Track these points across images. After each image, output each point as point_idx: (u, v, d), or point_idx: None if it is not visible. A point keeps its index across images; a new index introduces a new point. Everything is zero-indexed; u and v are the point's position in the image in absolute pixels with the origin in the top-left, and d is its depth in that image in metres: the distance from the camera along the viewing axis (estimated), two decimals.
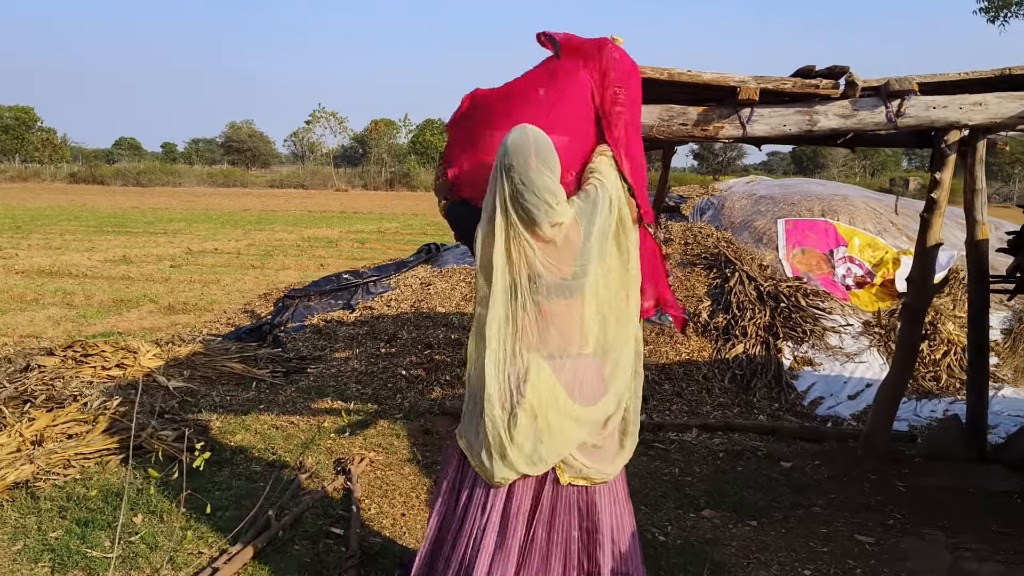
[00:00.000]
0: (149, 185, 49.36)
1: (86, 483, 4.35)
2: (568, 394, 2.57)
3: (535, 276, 2.48)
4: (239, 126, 75.26)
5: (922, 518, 4.34)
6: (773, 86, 3.19)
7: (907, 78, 3.16)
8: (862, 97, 3.23)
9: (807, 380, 6.50)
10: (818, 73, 3.25)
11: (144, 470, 4.53)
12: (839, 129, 3.26)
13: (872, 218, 8.39)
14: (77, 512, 4.04)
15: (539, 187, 2.41)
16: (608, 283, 2.61)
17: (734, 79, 3.20)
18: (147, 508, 4.12)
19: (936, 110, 3.21)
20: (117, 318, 9.33)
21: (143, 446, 4.78)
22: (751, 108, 3.24)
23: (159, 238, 18.49)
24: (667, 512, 4.36)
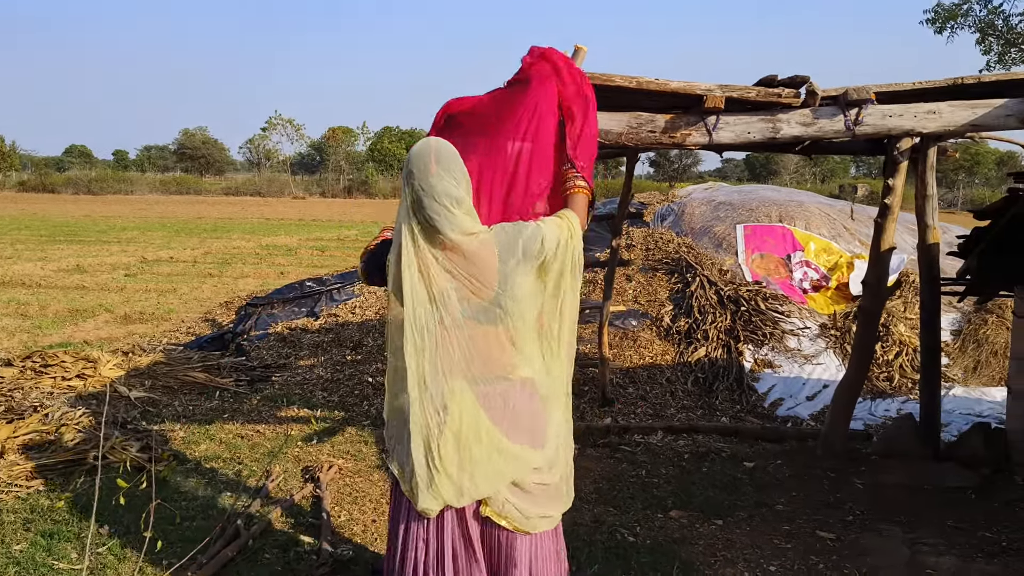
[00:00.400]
0: (101, 193, 48.40)
1: (50, 495, 4.27)
2: (494, 423, 2.44)
3: (446, 292, 2.36)
4: (193, 133, 74.10)
5: (880, 514, 4.47)
6: (738, 95, 3.29)
7: (864, 88, 3.29)
8: (822, 106, 3.34)
9: (767, 382, 6.65)
10: (780, 82, 3.36)
11: (111, 481, 4.46)
12: (801, 136, 3.37)
13: (826, 223, 8.61)
14: (42, 524, 3.97)
15: (438, 192, 2.33)
16: (535, 318, 2.47)
17: (700, 87, 3.29)
18: (114, 519, 4.06)
19: (892, 118, 3.34)
20: (73, 328, 9.15)
21: (108, 457, 4.71)
22: (717, 116, 3.33)
23: (112, 247, 18.16)
24: (635, 513, 4.42)
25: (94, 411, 5.36)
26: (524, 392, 2.48)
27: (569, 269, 2.48)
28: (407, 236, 2.38)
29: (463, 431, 2.40)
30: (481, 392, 2.43)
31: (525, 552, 2.56)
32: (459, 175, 2.40)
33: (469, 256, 2.37)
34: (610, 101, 3.55)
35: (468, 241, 2.37)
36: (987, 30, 19.71)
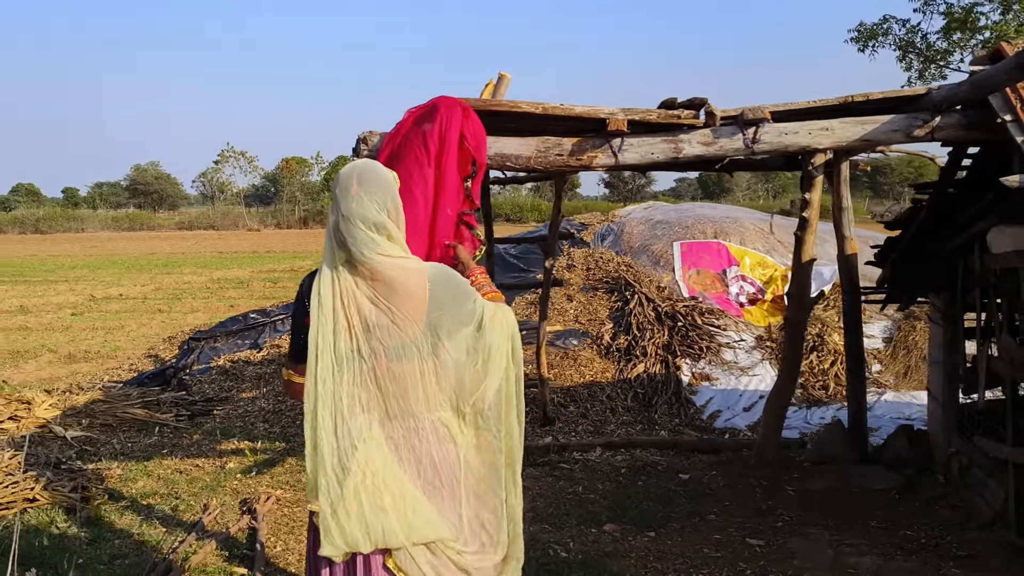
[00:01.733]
0: (50, 232, 47.53)
1: None
2: (403, 469, 2.25)
3: (367, 322, 2.22)
4: (144, 168, 73.32)
5: (808, 519, 4.59)
6: (639, 117, 3.41)
7: (760, 107, 3.44)
8: (722, 126, 3.49)
9: (705, 395, 6.78)
10: (680, 104, 3.49)
11: (36, 523, 4.42)
12: (703, 155, 3.51)
13: (761, 238, 8.83)
14: None
15: (356, 215, 2.21)
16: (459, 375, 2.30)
17: (604, 111, 3.41)
18: (40, 561, 4.01)
19: (788, 136, 3.50)
20: (13, 370, 8.99)
21: (37, 498, 4.65)
22: (622, 138, 3.45)
23: (59, 286, 17.86)
24: (570, 529, 4.49)
25: (27, 453, 5.28)
26: (435, 434, 2.28)
27: (504, 353, 2.32)
28: (328, 262, 2.27)
29: (371, 474, 2.21)
30: (392, 433, 2.25)
31: None
32: (383, 198, 2.26)
33: (391, 284, 2.22)
34: (519, 126, 3.66)
35: (390, 265, 2.22)
36: (908, 48, 20.47)
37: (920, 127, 3.52)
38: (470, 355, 2.28)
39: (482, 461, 2.36)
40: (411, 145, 3.20)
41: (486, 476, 2.36)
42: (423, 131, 3.18)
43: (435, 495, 2.27)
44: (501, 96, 4.11)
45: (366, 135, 3.42)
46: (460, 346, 2.27)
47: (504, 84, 4.35)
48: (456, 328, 2.26)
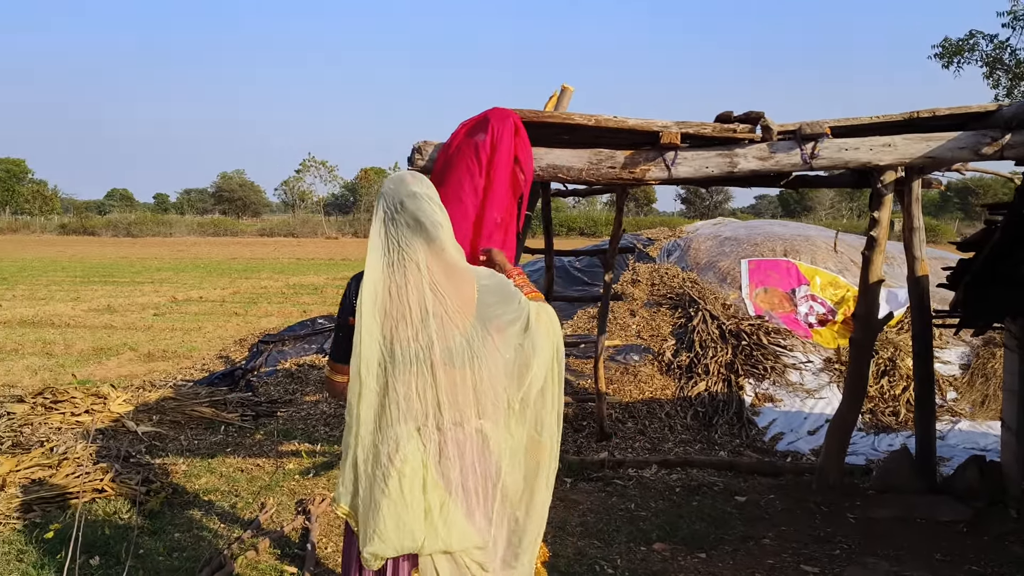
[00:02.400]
0: (140, 236, 49.58)
1: (45, 526, 4.41)
2: (440, 475, 2.23)
3: (423, 311, 2.18)
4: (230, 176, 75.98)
5: (868, 548, 4.42)
6: (694, 130, 3.37)
7: (819, 122, 3.35)
8: (779, 140, 3.41)
9: (768, 416, 6.61)
10: (736, 118, 3.44)
11: (103, 513, 4.60)
12: (758, 170, 3.44)
13: (834, 257, 8.59)
14: (35, 555, 4.10)
15: (419, 194, 2.25)
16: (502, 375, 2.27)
17: (657, 124, 3.38)
18: (104, 550, 4.18)
19: (848, 151, 3.40)
20: (96, 366, 9.39)
21: (105, 489, 4.85)
22: (675, 152, 3.42)
23: (145, 287, 18.60)
24: (619, 546, 4.43)
25: (99, 446, 5.52)
26: (478, 441, 2.26)
27: (549, 352, 2.32)
28: (376, 261, 2.22)
29: (409, 478, 2.19)
30: (434, 437, 2.23)
31: None
32: (436, 195, 2.32)
33: (447, 271, 2.22)
34: (573, 138, 3.67)
35: (451, 246, 2.23)
36: (995, 65, 19.59)
37: (989, 144, 3.37)
38: (517, 352, 2.27)
39: (528, 461, 2.35)
40: (463, 155, 3.25)
41: (530, 476, 2.35)
42: (475, 142, 3.23)
43: (470, 502, 2.26)
44: (564, 108, 4.12)
45: (420, 145, 3.47)
46: (508, 343, 2.26)
47: (567, 96, 4.36)
48: (504, 325, 2.26)
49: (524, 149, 3.19)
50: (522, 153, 3.20)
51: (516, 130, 3.22)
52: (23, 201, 64.40)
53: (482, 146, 3.17)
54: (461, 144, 3.30)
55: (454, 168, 3.25)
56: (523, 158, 3.18)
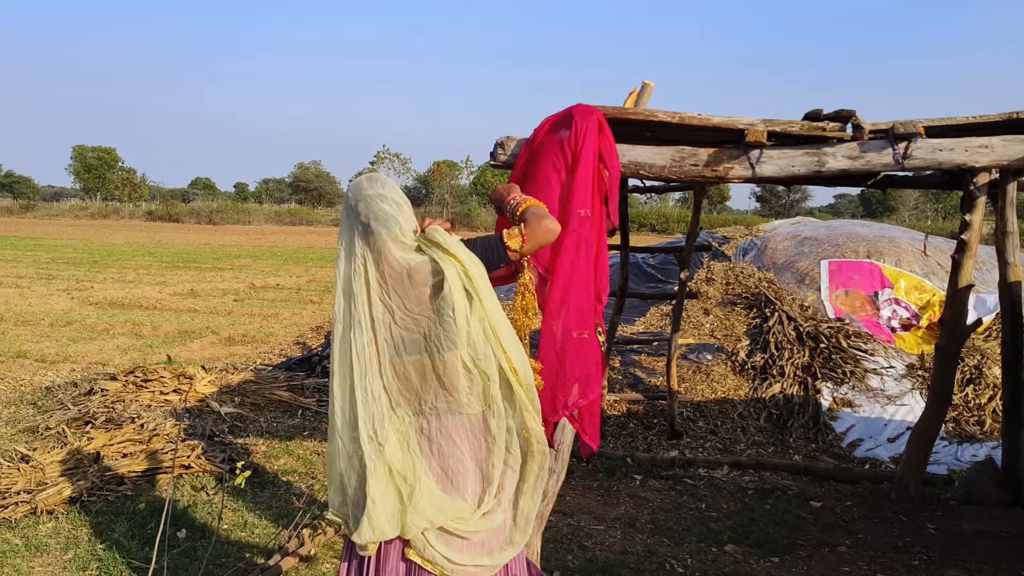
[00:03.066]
0: (221, 223, 51.14)
1: (136, 499, 4.62)
2: (425, 459, 2.36)
3: (387, 311, 2.33)
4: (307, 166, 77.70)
5: (948, 560, 4.30)
6: (781, 128, 3.32)
7: (913, 121, 3.26)
8: (870, 139, 3.33)
9: (846, 421, 6.46)
10: (825, 116, 3.37)
11: (189, 488, 4.81)
12: (848, 170, 3.36)
13: (919, 260, 8.32)
14: (125, 526, 4.31)
15: (371, 196, 2.38)
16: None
17: (742, 122, 3.34)
18: (190, 523, 4.37)
19: (943, 152, 3.29)
20: (180, 348, 9.77)
21: (191, 466, 5.05)
22: (760, 150, 3.37)
23: (225, 273, 19.21)
24: (688, 546, 4.41)
25: (186, 424, 5.76)
26: (466, 427, 2.38)
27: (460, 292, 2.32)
28: (348, 259, 2.37)
29: (395, 460, 2.32)
30: (420, 425, 2.36)
31: None
32: (394, 194, 2.42)
33: (395, 273, 2.34)
34: (655, 135, 3.65)
35: (395, 246, 2.34)
36: None
37: None
38: (441, 314, 2.31)
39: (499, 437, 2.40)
40: (547, 151, 3.28)
41: (510, 458, 2.42)
42: (560, 138, 3.25)
43: (454, 481, 2.38)
44: (644, 105, 4.10)
45: (503, 140, 3.51)
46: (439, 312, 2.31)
47: (647, 93, 4.33)
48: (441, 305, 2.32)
49: (608, 147, 3.19)
50: (606, 151, 3.21)
51: (600, 127, 3.22)
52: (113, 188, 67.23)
53: (566, 142, 3.19)
54: (544, 140, 3.32)
55: (538, 164, 3.27)
56: (607, 156, 3.19)
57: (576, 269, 3.06)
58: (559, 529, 4.57)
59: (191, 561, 3.93)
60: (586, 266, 3.07)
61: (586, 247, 3.07)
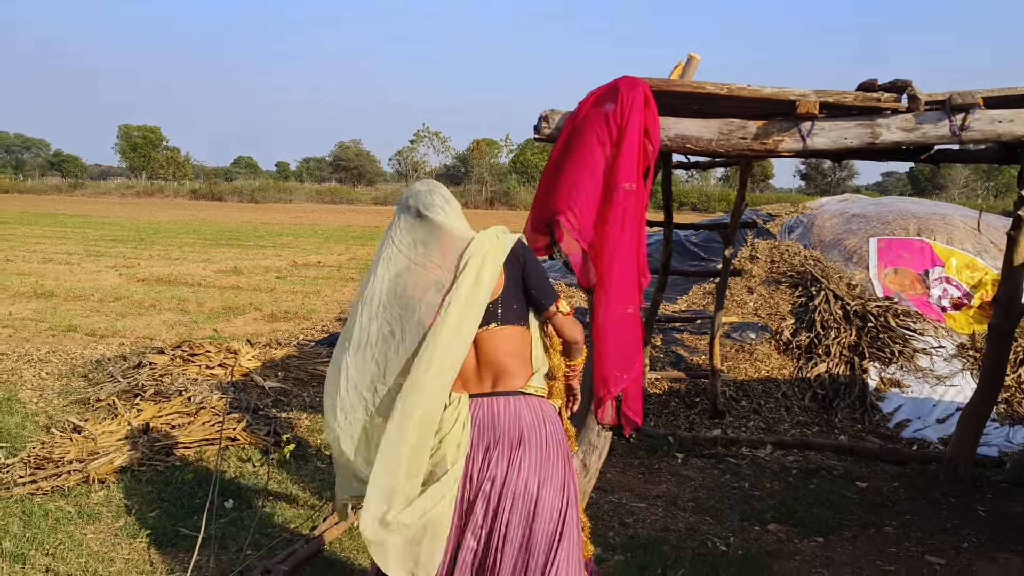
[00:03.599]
0: (263, 202, 51.77)
1: (184, 469, 4.72)
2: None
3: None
4: (347, 145, 78.22)
5: (1000, 543, 4.21)
6: (834, 100, 3.23)
7: (971, 92, 3.14)
8: (926, 111, 3.23)
9: (893, 402, 6.34)
10: (880, 87, 3.27)
11: (236, 459, 4.89)
12: (902, 142, 3.26)
13: (972, 238, 8.09)
14: (174, 495, 4.40)
15: (431, 188, 2.60)
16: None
17: (794, 93, 3.26)
18: (237, 494, 4.44)
19: (1002, 124, 3.17)
20: (224, 323, 9.92)
21: (237, 438, 5.14)
22: (812, 121, 3.29)
23: (268, 251, 19.45)
24: (731, 524, 4.38)
25: (232, 397, 5.85)
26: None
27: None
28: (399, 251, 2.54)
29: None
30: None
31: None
32: (444, 192, 2.59)
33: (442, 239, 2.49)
34: (702, 108, 3.58)
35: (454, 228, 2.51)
36: None
37: None
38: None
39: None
40: (592, 124, 3.23)
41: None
42: (605, 111, 3.20)
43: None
44: (690, 78, 4.03)
45: (547, 113, 3.47)
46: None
47: (693, 66, 4.25)
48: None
49: (653, 120, 3.14)
50: (651, 124, 3.15)
51: (646, 100, 3.17)
52: (158, 167, 68.35)
53: (612, 115, 3.14)
54: (589, 113, 3.28)
55: (583, 137, 3.23)
56: (652, 129, 3.13)
57: (620, 244, 3.02)
58: (600, 506, 4.56)
59: (238, 530, 4.01)
60: (630, 241, 3.03)
61: (631, 222, 3.04)
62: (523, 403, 2.51)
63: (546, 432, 2.50)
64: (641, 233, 3.12)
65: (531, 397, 2.54)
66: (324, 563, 3.74)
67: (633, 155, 3.08)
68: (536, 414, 2.51)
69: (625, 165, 3.05)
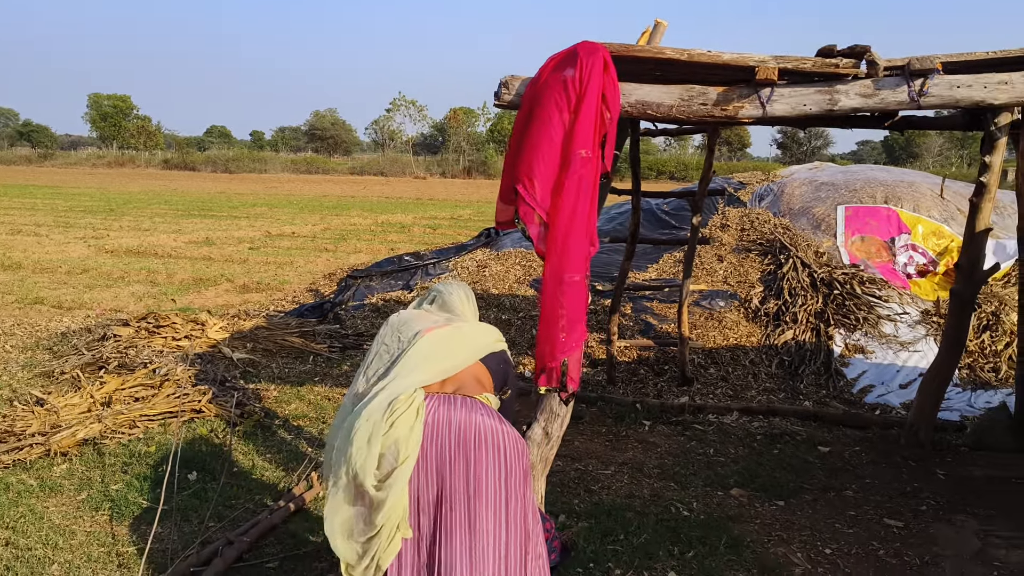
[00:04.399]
0: (237, 172, 51.15)
1: (148, 442, 4.69)
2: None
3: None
4: (323, 114, 77.30)
5: (957, 505, 4.29)
6: (792, 66, 3.21)
7: (930, 57, 3.14)
8: (885, 76, 3.22)
9: (858, 368, 6.42)
10: (839, 52, 3.25)
11: (201, 431, 4.86)
12: (861, 108, 3.26)
13: (938, 206, 8.16)
14: (138, 468, 4.37)
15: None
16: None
17: (753, 59, 3.24)
18: (201, 466, 4.42)
19: (960, 89, 3.18)
20: (195, 295, 9.83)
21: (203, 410, 5.11)
22: (771, 88, 3.27)
23: (241, 222, 19.24)
24: (695, 490, 4.42)
25: (198, 369, 5.81)
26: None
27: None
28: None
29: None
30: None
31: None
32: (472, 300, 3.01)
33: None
34: (665, 74, 3.55)
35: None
36: None
37: None
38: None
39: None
40: (551, 89, 3.19)
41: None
42: (564, 77, 3.16)
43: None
44: (656, 44, 3.99)
45: (508, 79, 3.43)
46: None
47: (660, 32, 4.22)
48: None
49: (612, 86, 3.11)
50: (610, 91, 3.12)
51: (605, 66, 3.13)
52: (129, 136, 67.21)
53: (571, 81, 3.10)
54: (549, 78, 3.24)
55: (542, 102, 3.19)
56: (610, 96, 3.10)
57: (576, 212, 3.01)
58: (566, 473, 4.59)
59: (201, 503, 3.99)
60: (585, 209, 3.02)
61: (586, 189, 3.02)
62: (479, 403, 2.56)
63: (502, 429, 2.52)
64: (594, 200, 3.10)
65: (487, 404, 2.62)
66: (287, 534, 3.74)
67: (590, 122, 3.05)
68: (490, 411, 2.55)
69: (582, 131, 3.02)
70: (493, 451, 2.46)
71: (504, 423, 2.58)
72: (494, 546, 2.42)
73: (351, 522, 2.44)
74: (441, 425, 2.46)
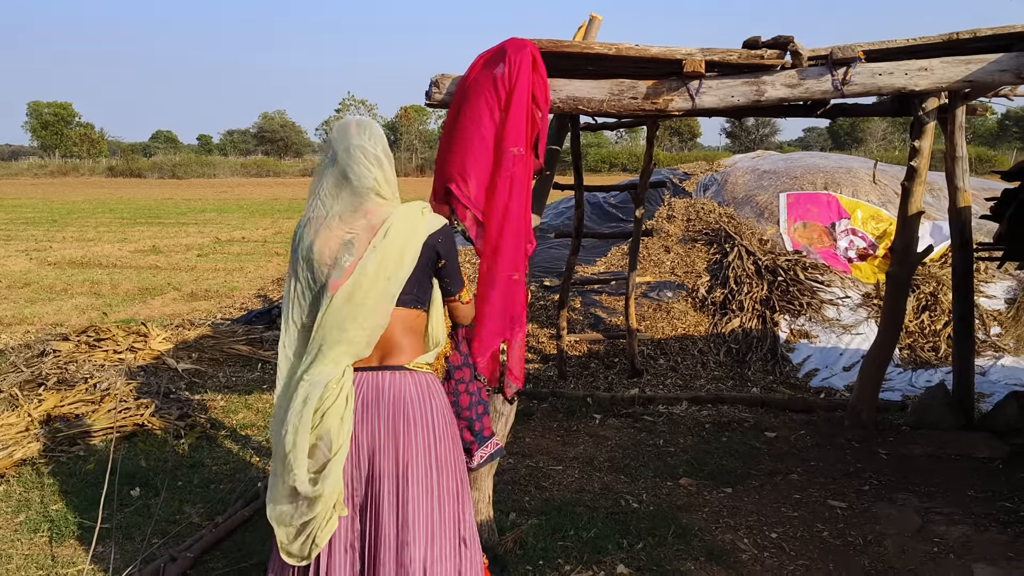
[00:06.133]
0: (185, 177, 50.21)
1: (88, 459, 4.57)
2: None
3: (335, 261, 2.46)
4: (271, 116, 76.26)
5: (899, 484, 4.39)
6: (719, 58, 3.24)
7: (851, 46, 3.19)
8: (810, 66, 3.27)
9: (803, 352, 6.53)
10: (764, 44, 3.29)
11: (143, 446, 4.76)
12: (787, 98, 3.30)
13: (877, 190, 8.33)
14: (77, 486, 4.26)
15: (355, 144, 2.46)
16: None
17: (680, 52, 3.26)
18: (144, 481, 4.33)
19: (882, 76, 3.24)
20: (141, 306, 9.62)
21: (146, 424, 5.00)
22: (700, 80, 3.30)
23: (190, 228, 18.90)
24: (645, 481, 4.46)
25: (140, 382, 5.68)
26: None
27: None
28: (322, 205, 2.50)
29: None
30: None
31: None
32: (378, 150, 2.47)
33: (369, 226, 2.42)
34: (598, 69, 3.56)
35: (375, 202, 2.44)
36: None
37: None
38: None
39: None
40: (481, 88, 3.18)
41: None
42: (494, 75, 3.15)
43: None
44: (592, 38, 4.00)
45: (438, 78, 3.40)
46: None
47: (595, 26, 4.22)
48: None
49: (542, 84, 3.10)
50: (539, 89, 3.11)
51: (534, 63, 3.12)
52: (71, 144, 65.56)
53: (500, 78, 3.09)
54: (479, 76, 3.22)
55: (472, 102, 3.18)
56: (540, 95, 3.09)
57: (510, 210, 3.00)
58: (517, 471, 4.60)
59: (144, 519, 3.91)
60: (519, 207, 3.01)
61: (519, 187, 3.01)
62: (409, 378, 2.47)
63: (433, 408, 2.47)
64: (528, 198, 3.09)
65: (418, 373, 2.50)
66: (233, 547, 3.68)
67: (521, 119, 3.05)
68: (421, 389, 2.47)
69: (513, 129, 3.01)
70: (423, 429, 2.44)
71: (433, 396, 2.51)
72: (425, 514, 2.41)
73: (290, 512, 2.40)
74: (370, 406, 2.41)
